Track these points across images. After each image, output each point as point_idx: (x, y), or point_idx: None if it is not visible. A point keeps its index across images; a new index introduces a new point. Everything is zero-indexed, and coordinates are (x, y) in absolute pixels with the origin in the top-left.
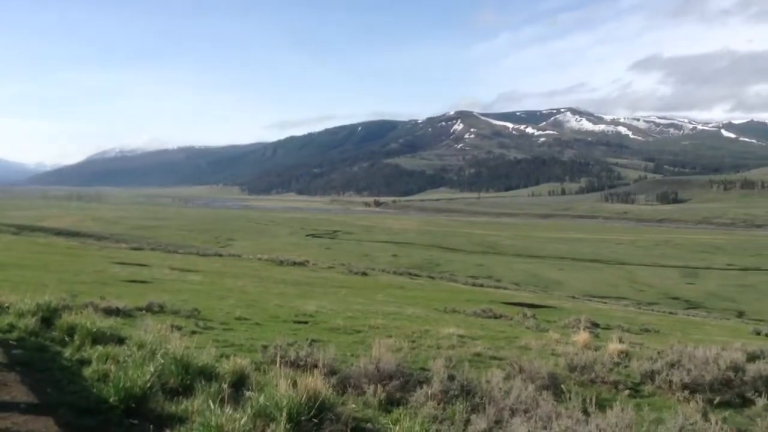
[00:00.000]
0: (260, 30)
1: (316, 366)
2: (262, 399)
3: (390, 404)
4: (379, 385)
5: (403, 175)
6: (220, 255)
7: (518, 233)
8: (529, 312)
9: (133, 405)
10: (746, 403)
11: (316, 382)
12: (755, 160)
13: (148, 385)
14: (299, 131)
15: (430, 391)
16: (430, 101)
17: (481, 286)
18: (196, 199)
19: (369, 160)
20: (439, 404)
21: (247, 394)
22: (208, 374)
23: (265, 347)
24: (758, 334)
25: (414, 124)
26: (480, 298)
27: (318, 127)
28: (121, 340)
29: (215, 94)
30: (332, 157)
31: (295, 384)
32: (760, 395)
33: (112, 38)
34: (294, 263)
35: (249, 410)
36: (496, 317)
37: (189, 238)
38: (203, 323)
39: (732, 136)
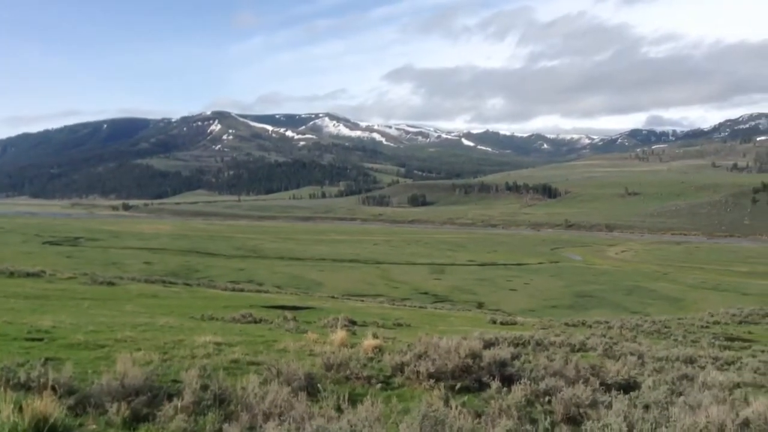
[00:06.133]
0: None
1: (48, 387)
2: None
3: (136, 421)
4: (123, 402)
5: (155, 177)
6: None
7: (280, 236)
8: (289, 314)
9: None
10: (482, 386)
11: (45, 405)
12: (490, 167)
13: None
14: (34, 128)
15: (180, 404)
16: (186, 100)
17: (242, 290)
18: None
19: (116, 161)
20: (190, 416)
21: None
22: None
23: None
24: (494, 322)
25: (167, 123)
26: (240, 304)
27: (57, 124)
28: None
29: None
30: (73, 157)
31: (21, 408)
32: (494, 379)
33: None
34: (27, 274)
35: None
36: (256, 322)
37: None
38: None
39: (471, 144)
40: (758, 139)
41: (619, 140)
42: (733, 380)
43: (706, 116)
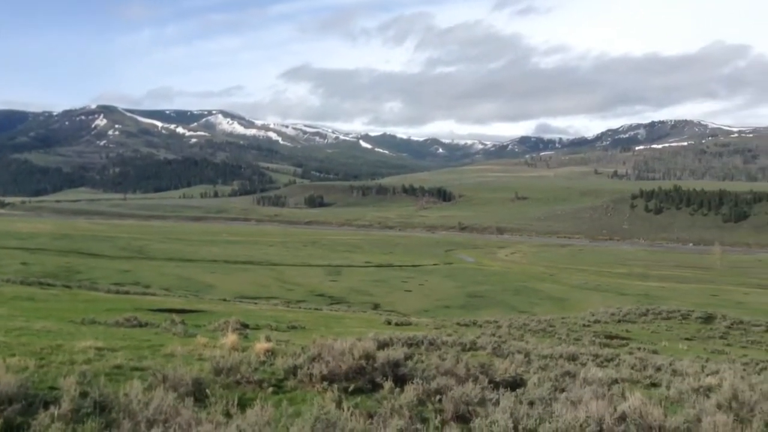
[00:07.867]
0: None
1: None
2: None
3: (9, 430)
4: None
5: (34, 173)
6: None
7: (169, 236)
8: (177, 318)
9: None
10: (376, 387)
11: None
12: (387, 169)
13: None
14: None
15: (57, 412)
16: (70, 93)
17: (127, 293)
18: None
19: None
20: (68, 425)
21: None
22: None
23: None
24: (389, 323)
25: (48, 116)
26: (124, 307)
27: None
28: None
29: None
30: None
31: None
32: (387, 379)
33: None
34: None
35: None
36: (141, 326)
37: None
38: None
39: (369, 146)
40: (637, 148)
41: (510, 146)
42: (612, 376)
43: (590, 125)
